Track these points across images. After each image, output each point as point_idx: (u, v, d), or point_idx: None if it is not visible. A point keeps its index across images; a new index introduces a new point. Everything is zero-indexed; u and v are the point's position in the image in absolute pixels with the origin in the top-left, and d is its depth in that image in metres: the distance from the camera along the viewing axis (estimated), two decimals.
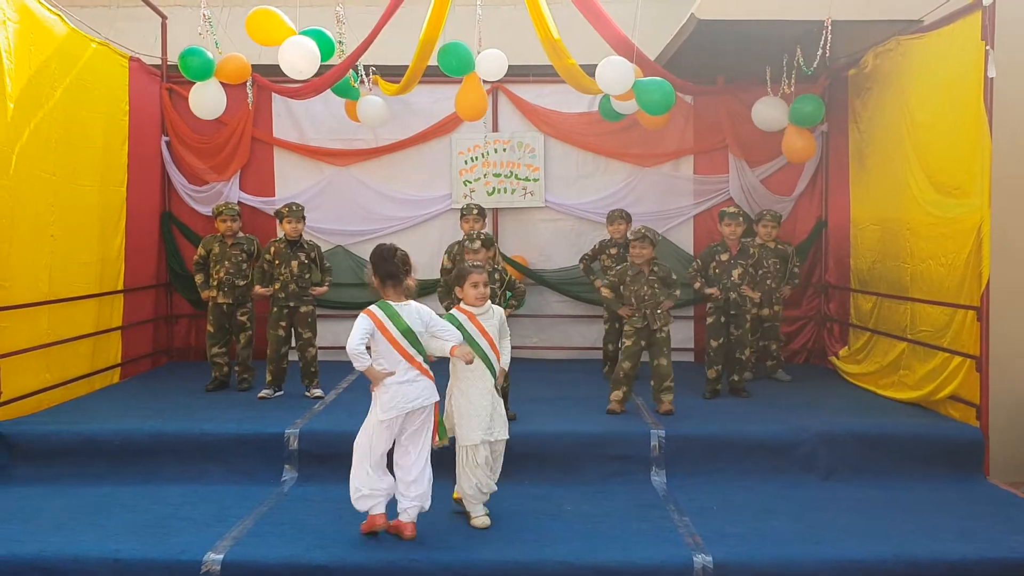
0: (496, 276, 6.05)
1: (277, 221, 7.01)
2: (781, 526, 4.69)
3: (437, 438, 4.57)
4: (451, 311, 4.83)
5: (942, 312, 6.10)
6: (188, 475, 5.51)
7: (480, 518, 4.68)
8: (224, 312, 7.13)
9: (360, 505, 4.48)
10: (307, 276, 6.86)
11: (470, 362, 4.58)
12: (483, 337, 4.72)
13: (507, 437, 4.78)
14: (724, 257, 6.95)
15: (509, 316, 6.05)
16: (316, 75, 7.47)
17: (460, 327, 4.66)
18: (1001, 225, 6.18)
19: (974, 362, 5.70)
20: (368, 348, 4.38)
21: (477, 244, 5.91)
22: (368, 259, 4.58)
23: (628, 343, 6.32)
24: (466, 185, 8.66)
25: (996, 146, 5.59)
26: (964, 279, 5.81)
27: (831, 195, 8.41)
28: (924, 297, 6.35)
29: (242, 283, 7.11)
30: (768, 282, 7.40)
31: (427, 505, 4.52)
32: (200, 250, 7.24)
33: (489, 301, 4.86)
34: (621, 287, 6.40)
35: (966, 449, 5.63)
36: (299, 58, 6.82)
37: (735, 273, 6.89)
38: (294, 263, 6.81)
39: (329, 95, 8.05)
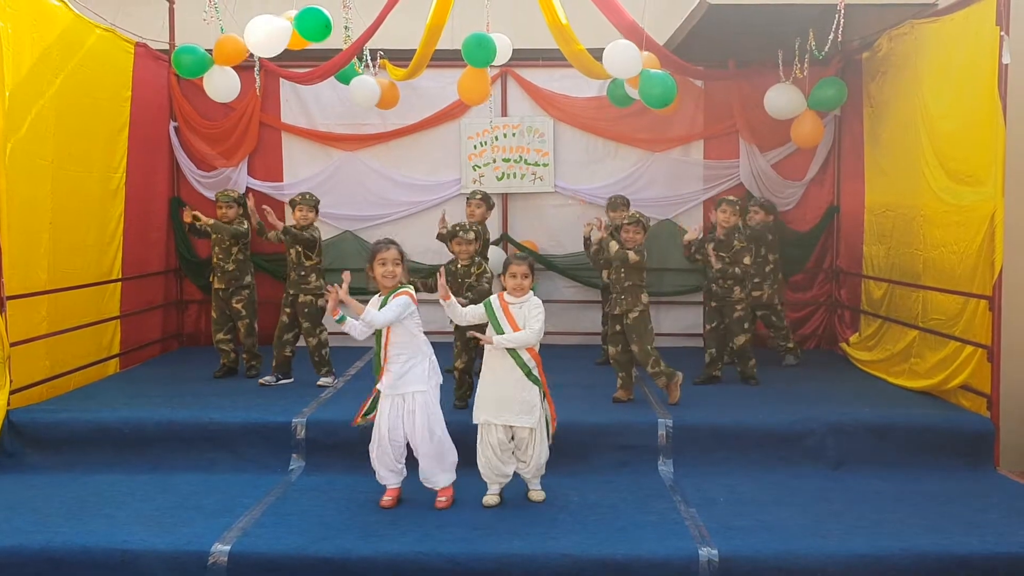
0: (473, 270, 6.06)
1: (289, 208, 6.98)
2: (788, 518, 4.66)
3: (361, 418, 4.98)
4: (490, 296, 5.02)
5: (954, 301, 6.04)
6: (197, 464, 5.54)
7: (487, 496, 4.88)
8: (222, 297, 7.13)
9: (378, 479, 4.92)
10: (306, 264, 6.82)
11: (446, 298, 4.86)
12: (508, 324, 4.87)
13: (528, 425, 4.84)
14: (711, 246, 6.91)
15: None
16: (325, 59, 7.44)
17: (490, 310, 4.91)
18: (1015, 214, 6.08)
19: (986, 352, 5.65)
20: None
21: (471, 235, 6.00)
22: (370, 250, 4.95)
23: (607, 327, 6.33)
24: (475, 170, 8.60)
25: (1010, 134, 5.49)
26: (977, 268, 5.75)
27: (844, 180, 8.31)
28: (936, 285, 6.28)
29: (231, 268, 7.07)
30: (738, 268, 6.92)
31: (441, 482, 4.86)
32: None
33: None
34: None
35: (976, 439, 5.59)
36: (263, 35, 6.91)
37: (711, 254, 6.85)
38: (292, 252, 6.80)
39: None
